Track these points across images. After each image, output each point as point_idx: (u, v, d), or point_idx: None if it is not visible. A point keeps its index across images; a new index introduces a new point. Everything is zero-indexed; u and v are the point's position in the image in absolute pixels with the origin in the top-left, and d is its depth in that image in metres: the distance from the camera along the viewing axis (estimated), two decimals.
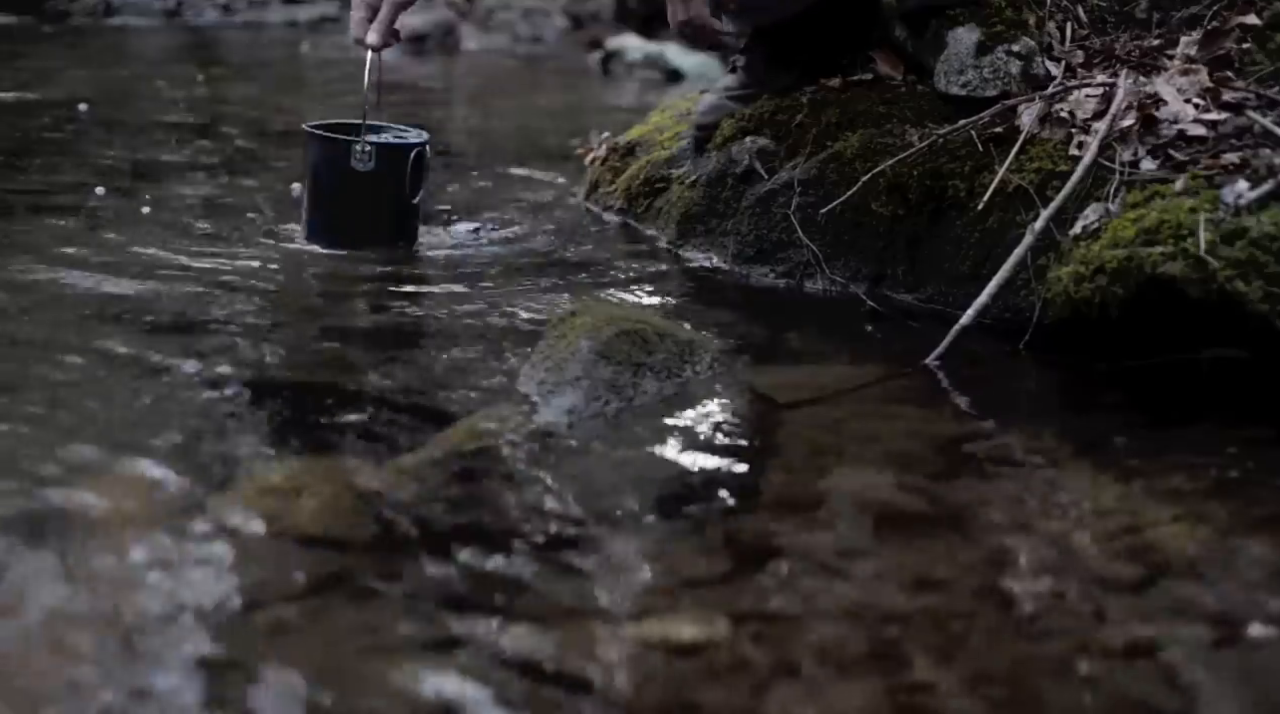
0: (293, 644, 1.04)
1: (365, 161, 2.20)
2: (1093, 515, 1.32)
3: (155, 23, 7.07)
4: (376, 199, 2.27)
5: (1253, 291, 1.54)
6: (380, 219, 2.30)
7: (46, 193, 2.70)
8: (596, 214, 2.72)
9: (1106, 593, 1.16)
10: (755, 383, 1.69)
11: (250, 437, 1.45)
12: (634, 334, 1.61)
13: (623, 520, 1.29)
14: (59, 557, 1.15)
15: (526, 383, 1.60)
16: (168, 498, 1.28)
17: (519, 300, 2.06)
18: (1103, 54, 2.14)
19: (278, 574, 1.15)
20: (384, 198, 2.27)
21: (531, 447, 1.45)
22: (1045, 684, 1.02)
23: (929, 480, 1.40)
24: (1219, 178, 1.70)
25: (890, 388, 1.71)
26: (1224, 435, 1.51)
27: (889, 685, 1.01)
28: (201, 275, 2.08)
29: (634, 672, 1.02)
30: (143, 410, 1.50)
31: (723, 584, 1.17)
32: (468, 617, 1.09)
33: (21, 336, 1.73)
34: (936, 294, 2.04)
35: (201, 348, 1.72)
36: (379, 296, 2.05)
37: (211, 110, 4.14)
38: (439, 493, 1.33)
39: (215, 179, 2.96)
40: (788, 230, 2.20)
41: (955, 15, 2.20)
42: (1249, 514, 1.31)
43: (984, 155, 2.01)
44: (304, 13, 7.66)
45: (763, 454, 1.49)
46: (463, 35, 7.12)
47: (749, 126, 2.36)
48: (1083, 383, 1.74)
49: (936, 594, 1.16)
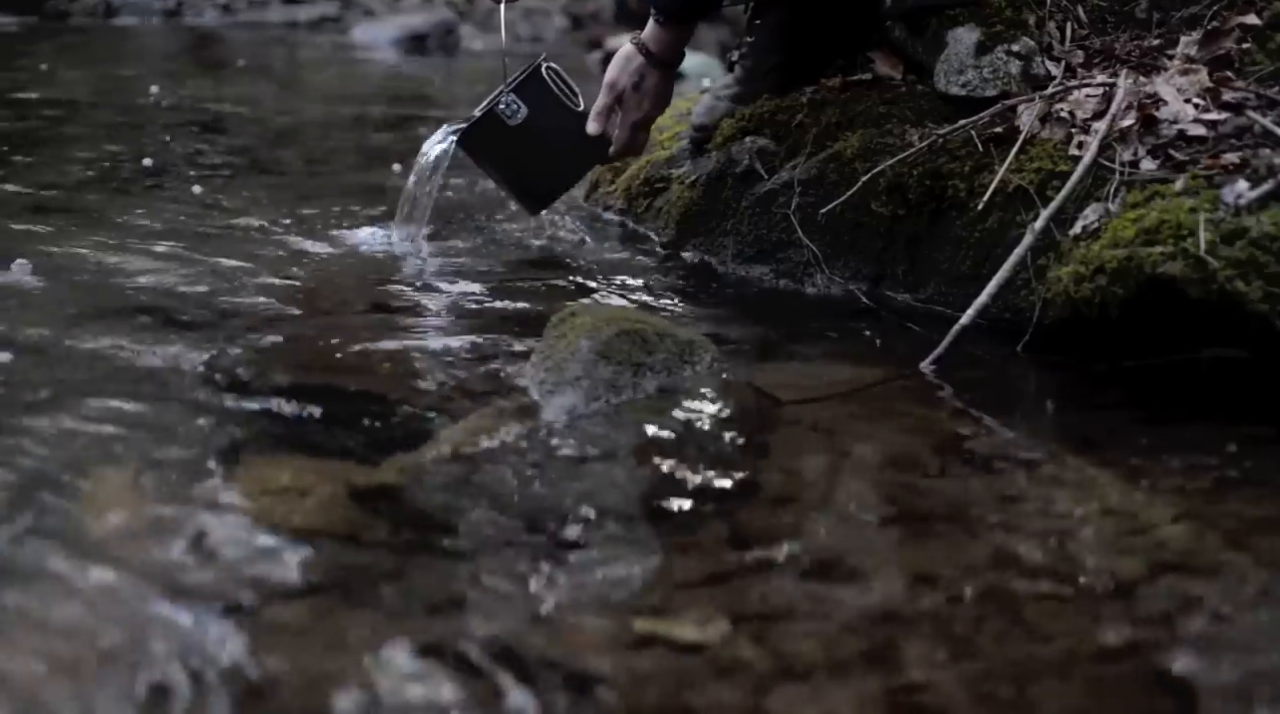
0: (292, 644, 1.04)
1: (516, 112, 2.25)
2: (1093, 515, 1.32)
3: (155, 23, 7.07)
4: (552, 133, 2.30)
5: (1253, 291, 1.54)
6: (569, 147, 2.32)
7: (47, 192, 2.70)
8: (596, 214, 2.72)
9: (1107, 593, 1.16)
10: (755, 382, 1.69)
11: (249, 436, 1.45)
12: (634, 334, 1.61)
13: (622, 520, 1.29)
14: (57, 554, 1.14)
15: (526, 382, 1.60)
16: (167, 497, 1.28)
17: (519, 300, 2.06)
18: (1103, 54, 2.13)
19: (277, 574, 1.15)
20: (556, 128, 2.30)
21: (531, 446, 1.45)
22: (1046, 684, 1.02)
23: (929, 480, 1.40)
24: (1219, 178, 1.70)
25: (890, 387, 1.70)
26: (1224, 435, 1.51)
27: (889, 686, 1.01)
28: (200, 274, 2.09)
29: (634, 671, 1.02)
30: (142, 408, 1.50)
31: (722, 584, 1.17)
32: (468, 616, 1.09)
33: (21, 333, 1.73)
34: (936, 294, 2.04)
35: (200, 347, 1.72)
36: (378, 296, 2.05)
37: (211, 110, 4.13)
38: (439, 493, 1.33)
39: (215, 179, 2.96)
40: (788, 230, 2.20)
41: (955, 15, 2.20)
42: (1249, 514, 1.31)
43: (984, 155, 2.01)
44: (304, 13, 7.66)
45: (762, 454, 1.48)
46: (463, 35, 7.13)
47: (749, 126, 2.36)
48: (1082, 383, 1.74)
49: (936, 594, 1.16)
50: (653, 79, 2.25)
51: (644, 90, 2.25)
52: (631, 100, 2.26)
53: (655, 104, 2.29)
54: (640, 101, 2.26)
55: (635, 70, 2.25)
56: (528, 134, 2.28)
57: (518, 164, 2.35)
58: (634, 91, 2.25)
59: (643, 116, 2.29)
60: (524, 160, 2.34)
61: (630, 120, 2.28)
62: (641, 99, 2.26)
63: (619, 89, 2.26)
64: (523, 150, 2.31)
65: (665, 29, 2.22)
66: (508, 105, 2.26)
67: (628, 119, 2.28)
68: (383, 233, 2.46)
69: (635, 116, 2.28)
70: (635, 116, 2.28)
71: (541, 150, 2.31)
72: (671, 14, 2.20)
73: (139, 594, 1.10)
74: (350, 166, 3.33)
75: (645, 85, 2.25)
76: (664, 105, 2.32)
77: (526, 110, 2.26)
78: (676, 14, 2.20)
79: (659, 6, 2.21)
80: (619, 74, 2.26)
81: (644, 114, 2.28)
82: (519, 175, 2.38)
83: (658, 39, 2.23)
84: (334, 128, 3.93)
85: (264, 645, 1.03)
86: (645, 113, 2.28)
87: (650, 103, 2.27)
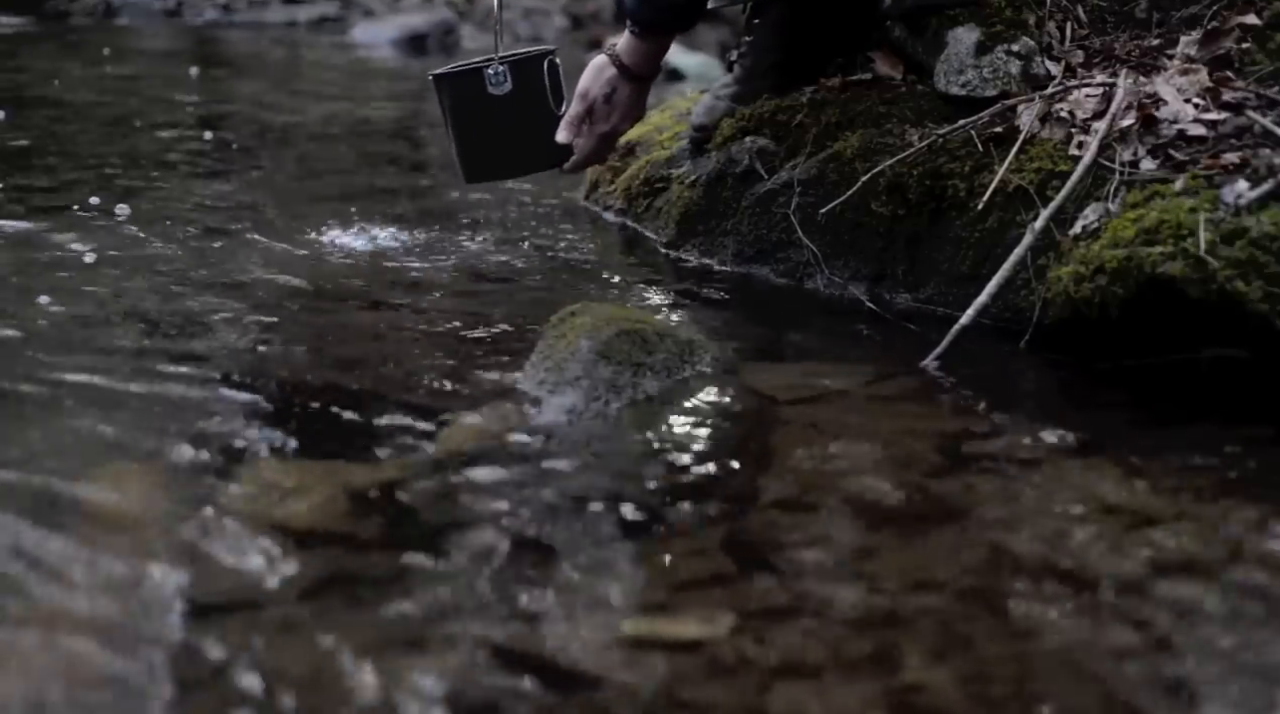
0: (292, 643, 1.04)
1: (501, 83, 2.21)
2: (1093, 515, 1.32)
3: (155, 23, 7.07)
4: (523, 120, 2.25)
5: (1253, 291, 1.54)
6: (534, 140, 2.27)
7: (46, 192, 2.70)
8: (596, 214, 2.72)
9: (1107, 592, 1.16)
10: (755, 382, 1.69)
11: (250, 436, 1.45)
12: (634, 334, 1.61)
13: (623, 519, 1.29)
14: (59, 552, 1.14)
15: (526, 382, 1.60)
16: (167, 496, 1.28)
17: (519, 300, 2.06)
18: (1103, 54, 2.13)
19: (277, 573, 1.15)
20: (529, 116, 2.25)
21: (532, 446, 1.45)
22: (1046, 684, 1.02)
23: (929, 480, 1.40)
24: (1219, 178, 1.70)
25: (890, 387, 1.71)
26: (1224, 435, 1.51)
27: (889, 685, 1.01)
28: (199, 274, 2.09)
29: (635, 671, 1.02)
30: (143, 408, 1.50)
31: (723, 583, 1.17)
32: (468, 616, 1.09)
33: (25, 334, 1.73)
34: (936, 294, 2.04)
35: (201, 347, 1.72)
36: (379, 296, 2.05)
37: (211, 109, 4.13)
38: (439, 492, 1.33)
39: (214, 178, 2.96)
40: (787, 230, 2.20)
41: (955, 15, 2.20)
42: (1249, 514, 1.31)
43: (984, 155, 2.01)
44: (304, 12, 7.66)
45: (763, 453, 1.48)
46: (463, 35, 7.13)
47: (749, 126, 2.36)
48: (1083, 382, 1.74)
49: (936, 593, 1.16)
50: (625, 91, 2.20)
51: (615, 102, 2.20)
52: (601, 112, 2.21)
53: (624, 117, 2.23)
54: (610, 114, 2.21)
55: (607, 82, 2.20)
56: (501, 108, 2.22)
57: (478, 131, 2.28)
58: (604, 103, 2.20)
59: (610, 129, 2.24)
60: (485, 131, 2.27)
61: (598, 132, 2.23)
62: (611, 111, 2.21)
63: (589, 99, 2.21)
64: (489, 121, 2.25)
65: (640, 40, 2.16)
66: (497, 74, 2.21)
67: (595, 130, 2.23)
68: (383, 233, 2.46)
69: (603, 129, 2.23)
70: (603, 129, 2.23)
71: (506, 130, 2.25)
72: (647, 25, 2.15)
73: (139, 593, 1.10)
74: (350, 166, 3.33)
75: (616, 98, 2.20)
76: (635, 118, 2.27)
77: (511, 87, 2.22)
78: (652, 25, 2.15)
79: (635, 18, 2.15)
80: (590, 84, 2.21)
81: (612, 127, 2.23)
82: (474, 142, 2.30)
83: (631, 51, 2.17)
84: (334, 127, 3.93)
85: (263, 645, 1.03)
86: (613, 125, 2.23)
87: (620, 115, 2.22)
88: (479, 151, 2.30)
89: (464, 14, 7.64)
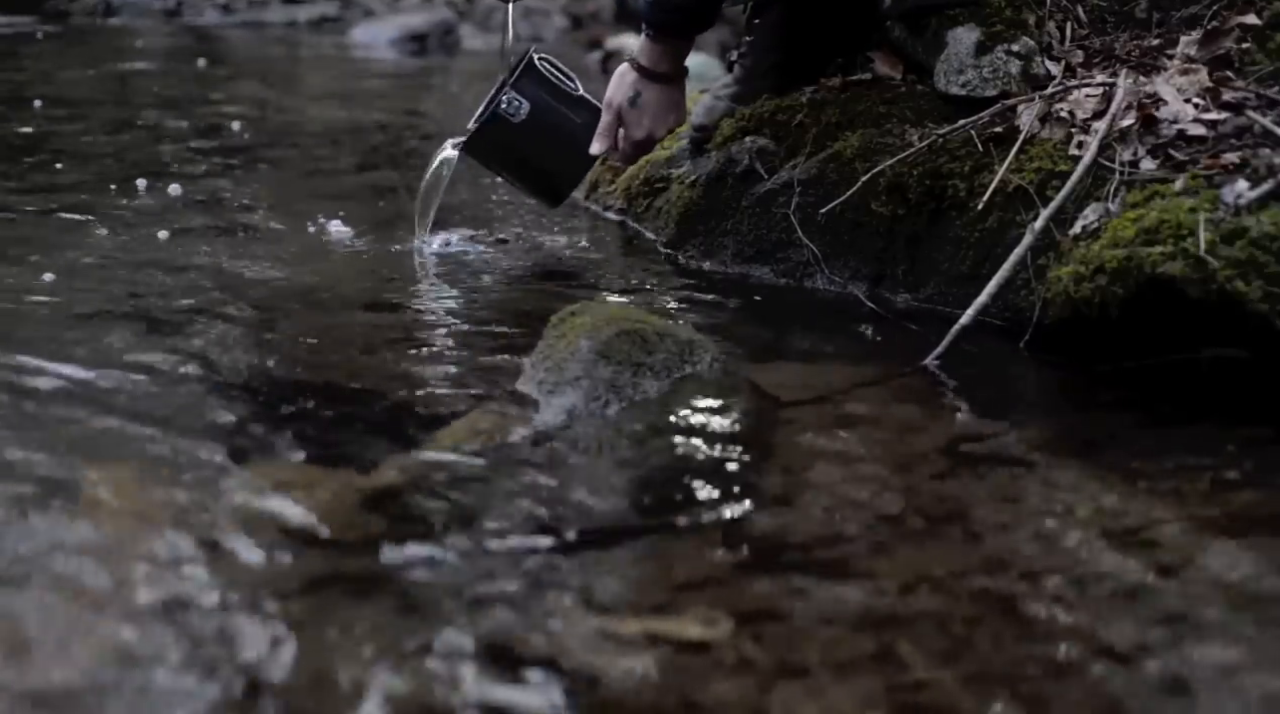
0: (292, 643, 1.04)
1: (518, 109, 2.22)
2: (1093, 515, 1.32)
3: (155, 22, 7.07)
4: (553, 126, 2.26)
5: (1253, 291, 1.54)
6: (573, 137, 2.28)
7: (46, 192, 2.69)
8: (596, 213, 2.72)
9: (1107, 593, 1.16)
10: (755, 382, 1.69)
11: (250, 436, 1.45)
12: (634, 334, 1.61)
13: (623, 520, 1.29)
14: (59, 553, 1.14)
15: (526, 382, 1.60)
16: (167, 496, 1.28)
17: (518, 300, 2.06)
18: (1103, 54, 2.13)
19: (277, 573, 1.15)
20: (557, 122, 2.26)
21: (531, 446, 1.45)
22: (1046, 685, 1.02)
23: (929, 480, 1.40)
24: (1219, 178, 1.70)
25: (890, 387, 1.70)
26: (1224, 435, 1.51)
27: (890, 685, 1.01)
28: (199, 274, 2.09)
29: (637, 670, 1.02)
30: (143, 408, 1.50)
31: (724, 583, 1.17)
32: (468, 616, 1.09)
33: (25, 334, 1.73)
34: (936, 294, 2.04)
35: (201, 346, 1.72)
36: (378, 296, 2.05)
37: (211, 109, 4.13)
38: (439, 492, 1.33)
39: (214, 178, 2.96)
40: (787, 230, 2.20)
41: (955, 15, 2.20)
42: (1249, 514, 1.31)
43: (984, 155, 2.01)
44: (304, 12, 7.66)
45: (763, 454, 1.48)
46: (463, 35, 7.13)
47: (749, 126, 2.36)
48: (1083, 383, 1.74)
49: (937, 594, 1.16)
50: (651, 94, 2.20)
51: (642, 106, 2.21)
52: (631, 117, 2.22)
53: (657, 119, 2.23)
54: (640, 118, 2.22)
55: (630, 86, 2.21)
56: (534, 129, 2.24)
57: (529, 161, 2.31)
58: (631, 108, 2.21)
59: (646, 134, 2.24)
60: (535, 155, 2.29)
61: (634, 138, 2.24)
62: (641, 115, 2.21)
63: (615, 106, 2.22)
64: (532, 146, 2.27)
65: (655, 42, 2.17)
66: (509, 103, 2.22)
67: (631, 136, 2.24)
68: (382, 232, 2.46)
69: (638, 134, 2.24)
70: (638, 134, 2.24)
71: (550, 142, 2.27)
72: (659, 28, 2.16)
73: (139, 593, 1.10)
74: (350, 167, 3.33)
75: (642, 101, 2.21)
76: (673, 122, 2.27)
77: (529, 105, 2.23)
78: (663, 28, 2.16)
79: (647, 20, 2.17)
80: (614, 92, 2.22)
81: (647, 132, 2.23)
82: (533, 172, 2.34)
83: (648, 53, 2.19)
84: (333, 128, 3.93)
85: (264, 645, 1.03)
86: (648, 130, 2.23)
87: (651, 119, 2.22)
88: (544, 176, 2.34)
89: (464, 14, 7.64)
